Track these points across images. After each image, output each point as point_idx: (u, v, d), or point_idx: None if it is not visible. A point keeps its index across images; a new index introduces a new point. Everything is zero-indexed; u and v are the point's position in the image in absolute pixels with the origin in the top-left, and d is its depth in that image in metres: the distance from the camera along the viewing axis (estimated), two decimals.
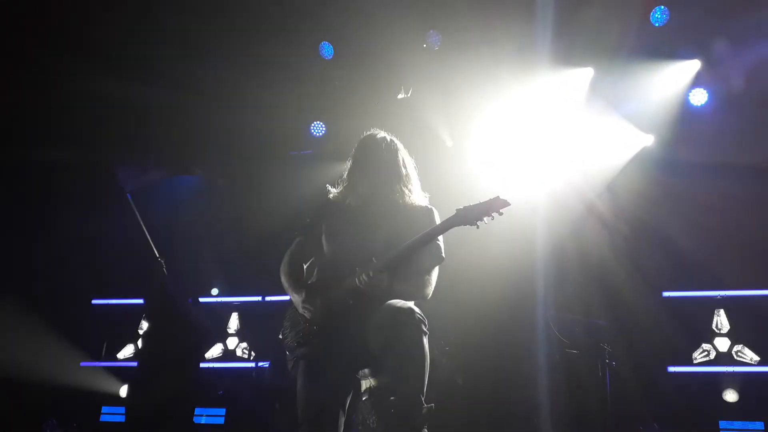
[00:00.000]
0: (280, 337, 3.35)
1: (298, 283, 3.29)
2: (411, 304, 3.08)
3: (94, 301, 8.41)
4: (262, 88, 6.93)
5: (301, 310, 3.19)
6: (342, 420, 3.15)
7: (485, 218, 3.11)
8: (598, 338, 6.25)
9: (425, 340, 2.99)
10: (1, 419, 6.88)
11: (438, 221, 3.33)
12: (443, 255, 3.31)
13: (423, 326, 2.99)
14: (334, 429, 3.10)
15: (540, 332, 6.03)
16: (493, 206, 3.10)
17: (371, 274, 3.04)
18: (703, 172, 6.69)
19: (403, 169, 3.38)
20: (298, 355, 3.22)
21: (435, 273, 3.31)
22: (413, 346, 2.94)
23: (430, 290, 3.28)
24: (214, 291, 7.02)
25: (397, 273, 3.15)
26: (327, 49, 7.00)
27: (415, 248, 3.15)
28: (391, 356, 3.00)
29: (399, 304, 3.05)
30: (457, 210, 3.15)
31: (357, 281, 3.06)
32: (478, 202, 3.13)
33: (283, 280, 3.34)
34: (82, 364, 8.17)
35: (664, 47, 6.65)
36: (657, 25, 6.44)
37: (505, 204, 3.11)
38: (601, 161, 7.15)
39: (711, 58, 6.60)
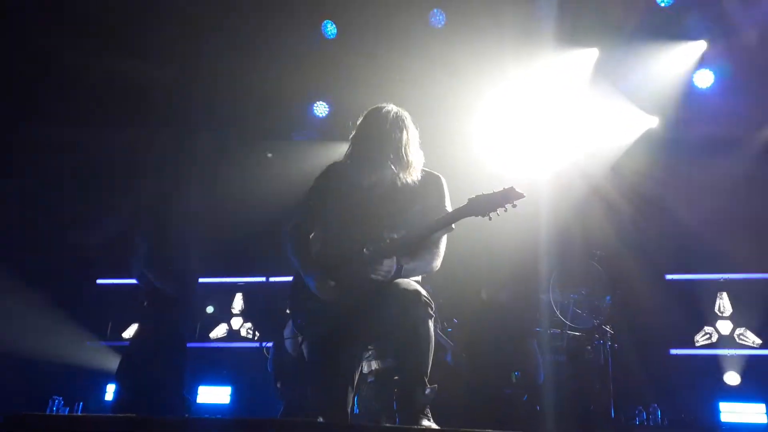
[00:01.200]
0: (288, 311, 3.32)
1: (310, 260, 3.20)
2: (418, 286, 3.08)
3: (99, 281, 8.46)
4: (263, 69, 6.90)
5: (314, 290, 3.10)
6: (351, 397, 3.16)
7: (498, 210, 2.97)
8: (601, 320, 6.27)
9: (430, 323, 3.00)
10: (7, 397, 6.95)
11: (446, 190, 3.27)
12: (452, 225, 3.14)
13: (429, 308, 2.99)
14: (344, 408, 3.11)
15: (544, 313, 6.04)
16: (506, 197, 2.96)
17: (380, 261, 3.01)
18: (708, 153, 6.66)
19: (408, 144, 3.24)
20: (309, 334, 3.23)
21: (443, 244, 3.24)
22: (418, 328, 2.95)
23: (439, 262, 3.22)
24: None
25: (406, 251, 3.10)
26: (330, 29, 6.95)
27: (423, 236, 3.11)
28: (396, 337, 3.01)
29: (405, 285, 3.04)
30: (469, 199, 3.04)
31: (368, 267, 3.03)
32: (491, 192, 3.00)
33: (291, 253, 3.26)
34: (88, 343, 8.23)
35: (670, 28, 6.59)
36: (663, 5, 6.38)
37: (520, 196, 2.96)
38: (606, 142, 7.12)
39: (716, 33, 6.52)
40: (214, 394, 7.68)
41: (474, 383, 5.42)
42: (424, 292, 3.03)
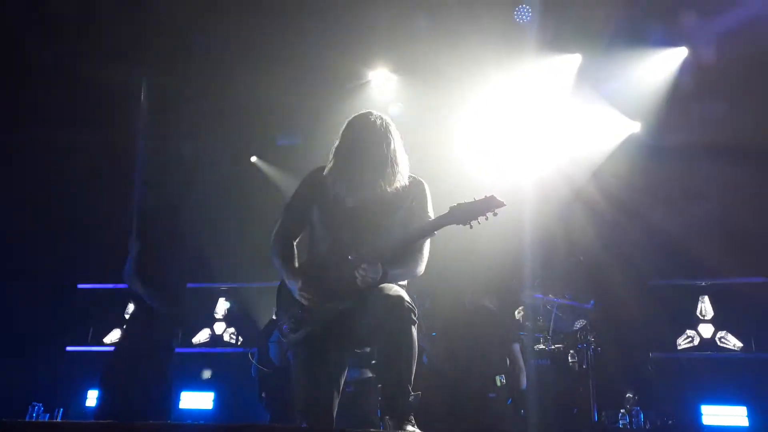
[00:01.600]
0: (274, 318, 3.31)
1: (293, 268, 3.21)
2: (402, 292, 3.06)
3: (79, 286, 8.37)
4: (247, 72, 6.87)
5: (297, 296, 3.13)
6: (336, 402, 3.15)
7: (479, 218, 3.01)
8: (584, 324, 6.30)
9: (414, 329, 2.98)
10: None
11: (428, 196, 3.27)
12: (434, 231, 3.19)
13: (412, 315, 2.98)
14: (329, 412, 3.10)
15: (527, 317, 6.06)
16: (488, 206, 2.99)
17: (365, 267, 2.98)
18: (690, 158, 6.72)
19: (393, 152, 3.21)
20: (294, 341, 3.21)
21: (427, 249, 3.24)
22: (402, 334, 2.94)
23: (423, 267, 3.22)
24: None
25: (391, 258, 3.10)
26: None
27: (407, 243, 3.11)
28: (379, 342, 3.01)
29: (388, 291, 3.03)
30: (450, 208, 3.05)
31: (356, 274, 3.00)
32: (472, 200, 3.03)
33: (277, 263, 3.26)
34: (68, 348, 8.15)
35: (651, 34, 6.65)
36: (644, 12, 6.41)
37: (501, 204, 2.99)
38: (588, 147, 7.17)
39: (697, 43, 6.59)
40: (196, 400, 7.62)
41: (458, 388, 5.41)
42: (407, 297, 3.03)
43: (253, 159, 8.25)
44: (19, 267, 7.41)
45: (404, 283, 3.24)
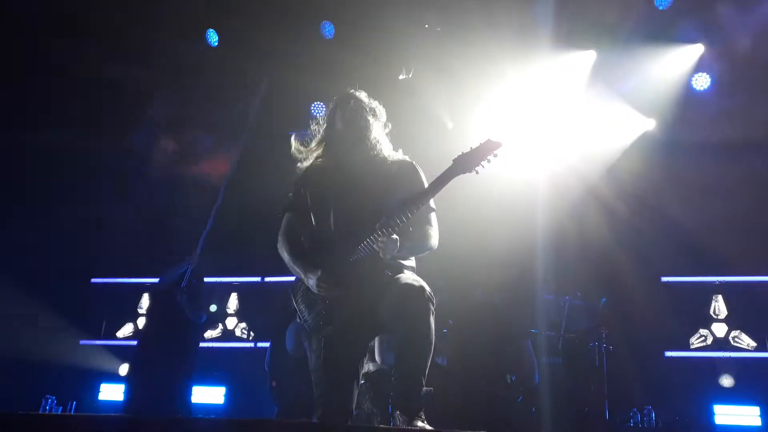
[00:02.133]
0: (298, 320, 3.31)
1: (307, 262, 3.21)
2: (422, 281, 3.08)
3: (93, 280, 8.43)
4: (261, 67, 6.89)
5: (316, 290, 3.11)
6: (356, 393, 3.14)
7: (482, 163, 3.08)
8: (596, 322, 6.27)
9: (432, 320, 2.99)
10: (0, 396, 6.92)
11: (422, 173, 3.31)
12: (433, 205, 3.24)
13: (431, 304, 2.99)
14: (349, 404, 3.10)
15: (540, 314, 6.03)
16: (486, 149, 3.07)
17: (383, 235, 2.98)
18: (705, 155, 6.67)
19: (377, 125, 3.33)
20: (324, 334, 3.17)
21: (435, 221, 3.27)
22: (420, 323, 2.94)
23: (436, 240, 3.23)
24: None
25: (401, 232, 3.08)
26: (328, 29, 6.95)
27: (419, 205, 3.09)
28: (396, 332, 3.02)
29: (409, 280, 3.05)
30: (453, 160, 3.11)
31: (374, 245, 3.00)
32: (470, 149, 3.10)
33: (288, 259, 3.27)
34: (81, 342, 8.21)
35: (666, 31, 6.60)
36: (661, 8, 6.38)
37: (498, 145, 3.07)
38: (603, 144, 7.13)
39: (713, 36, 6.53)
40: (208, 395, 7.65)
41: (469, 385, 5.40)
42: (428, 288, 3.03)
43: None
44: (34, 261, 7.46)
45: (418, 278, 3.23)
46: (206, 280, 6.40)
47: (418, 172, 3.32)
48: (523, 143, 6.99)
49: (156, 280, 6.28)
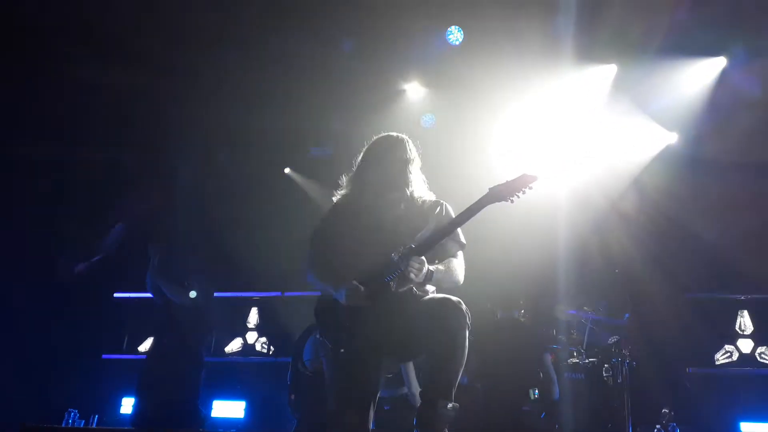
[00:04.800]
0: (318, 336, 3.34)
1: (336, 276, 3.24)
2: (455, 297, 3.10)
3: (116, 294, 8.50)
4: (282, 83, 6.95)
5: (345, 300, 3.13)
6: (372, 411, 3.15)
7: (517, 194, 3.15)
8: (619, 338, 6.20)
9: (467, 334, 3.01)
10: (24, 409, 6.97)
11: (452, 212, 3.35)
12: (464, 241, 3.35)
13: (468, 319, 3.03)
14: (366, 421, 3.10)
15: (561, 330, 5.99)
16: (522, 182, 3.15)
17: (413, 261, 3.04)
18: (729, 170, 6.60)
19: (408, 162, 3.38)
20: (347, 350, 3.18)
21: (462, 259, 3.35)
22: (457, 338, 2.97)
23: (462, 276, 3.32)
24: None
25: (430, 260, 3.16)
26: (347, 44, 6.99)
27: (453, 228, 3.19)
28: (433, 346, 3.01)
29: (446, 296, 3.09)
30: (489, 189, 3.19)
31: (399, 267, 3.05)
32: (506, 181, 3.18)
33: (317, 278, 3.30)
34: (104, 356, 8.27)
35: (688, 44, 6.56)
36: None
37: (533, 179, 3.15)
38: (625, 158, 7.09)
39: (735, 56, 6.49)
40: (228, 409, 7.67)
41: (491, 401, 5.36)
42: (463, 303, 3.07)
43: (287, 170, 8.33)
44: (57, 276, 7.55)
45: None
46: (223, 294, 6.40)
47: (448, 210, 3.38)
48: (546, 157, 6.98)
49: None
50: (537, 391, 5.38)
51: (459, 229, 3.32)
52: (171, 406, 5.62)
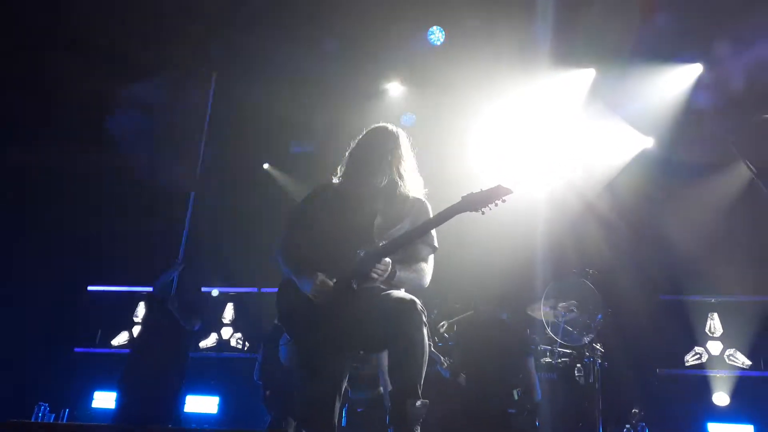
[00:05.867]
0: (276, 322, 3.32)
1: (305, 268, 3.21)
2: (413, 296, 3.10)
3: (89, 288, 8.42)
4: (261, 80, 6.93)
5: (310, 293, 3.11)
6: (338, 406, 3.16)
7: (489, 205, 3.12)
8: (592, 338, 6.27)
9: (426, 332, 3.02)
10: None
11: (430, 212, 3.34)
12: (436, 244, 3.34)
13: (424, 317, 3.02)
14: (331, 415, 3.10)
15: (537, 330, 6.04)
16: (496, 194, 3.11)
17: (376, 257, 3.04)
18: (703, 174, 6.71)
19: (403, 161, 3.36)
20: (302, 341, 3.21)
21: (431, 262, 3.34)
22: (414, 337, 2.96)
23: (428, 279, 3.31)
24: (215, 293, 6.99)
25: (396, 261, 3.14)
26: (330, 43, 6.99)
27: (421, 233, 3.17)
28: (390, 346, 3.03)
29: (401, 295, 3.08)
30: (462, 197, 3.15)
31: (363, 265, 3.05)
32: (480, 190, 3.14)
33: (284, 264, 3.29)
34: (76, 349, 8.19)
35: (665, 50, 6.65)
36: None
37: (508, 192, 3.11)
38: (602, 161, 7.17)
39: (712, 60, 6.59)
40: (202, 404, 7.63)
41: (476, 402, 5.38)
42: (419, 302, 3.06)
43: (266, 166, 8.30)
44: (31, 269, 7.46)
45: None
46: (203, 289, 6.42)
47: (426, 210, 3.37)
48: (522, 160, 7.03)
49: (150, 288, 6.29)
50: (520, 391, 5.41)
51: (433, 232, 3.32)
52: (156, 400, 5.61)
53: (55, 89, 6.80)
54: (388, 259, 3.08)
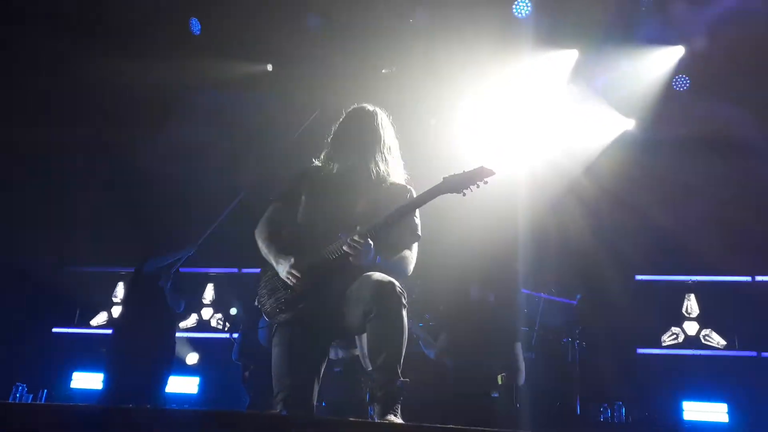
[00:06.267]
0: (256, 304, 3.32)
1: (279, 249, 3.22)
2: (391, 277, 3.08)
3: (67, 268, 8.34)
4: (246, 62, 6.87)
5: (284, 276, 3.13)
6: (316, 388, 3.16)
7: (471, 186, 3.14)
8: (571, 318, 6.34)
9: (404, 313, 3.02)
10: None
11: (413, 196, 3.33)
12: (419, 233, 3.32)
13: (403, 299, 3.02)
14: (310, 397, 3.11)
15: (518, 310, 6.08)
16: (478, 175, 3.13)
17: (357, 239, 3.03)
18: (682, 155, 6.75)
19: (385, 143, 3.36)
20: (279, 323, 3.21)
21: (415, 250, 3.33)
22: (393, 319, 2.97)
23: (411, 267, 3.30)
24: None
25: (380, 248, 3.15)
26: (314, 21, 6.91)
27: (403, 214, 3.16)
28: (370, 328, 3.03)
29: (380, 277, 3.06)
30: (444, 178, 3.16)
31: (344, 248, 3.05)
32: (463, 172, 3.15)
33: (262, 244, 3.29)
34: (54, 329, 8.13)
35: (648, 32, 6.65)
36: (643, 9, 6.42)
37: (490, 173, 3.13)
38: (583, 142, 7.18)
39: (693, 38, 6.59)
40: (182, 384, 7.63)
41: (460, 384, 5.40)
42: (398, 283, 3.06)
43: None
44: (7, 248, 7.36)
45: None
46: (182, 270, 6.38)
47: (410, 195, 3.34)
48: (504, 140, 7.03)
49: (135, 267, 6.22)
50: (505, 375, 5.44)
51: (417, 220, 3.31)
52: (145, 381, 5.60)
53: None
54: (370, 242, 3.07)
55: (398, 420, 2.88)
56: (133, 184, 7.59)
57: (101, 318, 8.28)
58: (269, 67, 7.13)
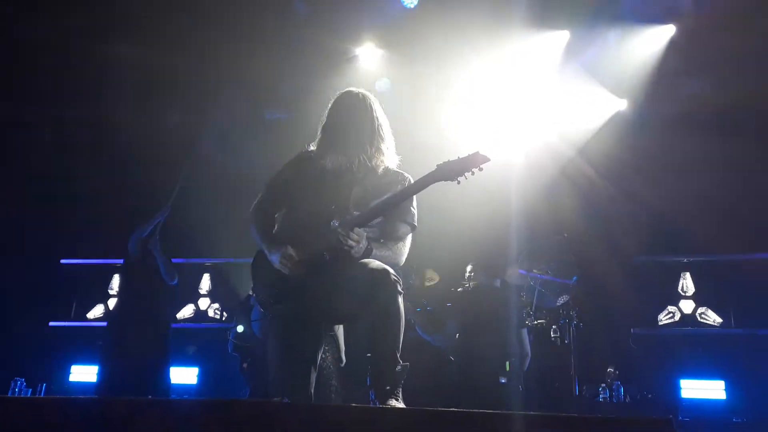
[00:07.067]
0: (250, 293, 3.31)
1: (274, 237, 3.22)
2: (386, 265, 3.08)
3: (62, 261, 8.31)
4: (235, 47, 6.79)
5: (278, 265, 3.12)
6: (313, 377, 3.17)
7: (466, 174, 3.07)
8: (567, 299, 6.36)
9: (400, 300, 3.03)
10: None
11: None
12: (415, 222, 3.30)
13: (398, 286, 3.02)
14: (306, 386, 3.12)
15: (513, 292, 6.09)
16: (473, 162, 3.06)
17: (348, 229, 3.01)
18: (675, 135, 6.74)
19: (376, 130, 3.31)
20: (274, 312, 3.22)
21: (408, 241, 3.32)
22: (390, 306, 2.98)
23: (404, 258, 3.29)
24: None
25: (374, 239, 3.14)
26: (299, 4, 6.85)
27: (396, 202, 3.14)
28: (367, 315, 3.04)
29: (374, 265, 3.06)
30: (437, 165, 3.11)
31: (337, 236, 3.02)
32: (457, 158, 3.09)
33: (255, 233, 3.25)
34: (51, 323, 8.11)
35: (639, 11, 6.62)
36: None
37: (485, 159, 3.06)
38: (576, 124, 7.17)
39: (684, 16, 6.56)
40: (181, 375, 7.63)
41: (469, 369, 5.41)
42: (392, 270, 3.06)
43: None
44: (3, 241, 7.33)
45: None
46: (175, 260, 6.35)
47: (408, 181, 3.31)
48: (496, 123, 7.02)
49: (121, 260, 6.19)
50: (514, 362, 5.45)
51: (414, 210, 3.28)
52: (140, 371, 5.59)
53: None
54: (361, 230, 3.06)
55: (400, 404, 2.90)
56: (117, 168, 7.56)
57: (98, 311, 8.27)
58: None
